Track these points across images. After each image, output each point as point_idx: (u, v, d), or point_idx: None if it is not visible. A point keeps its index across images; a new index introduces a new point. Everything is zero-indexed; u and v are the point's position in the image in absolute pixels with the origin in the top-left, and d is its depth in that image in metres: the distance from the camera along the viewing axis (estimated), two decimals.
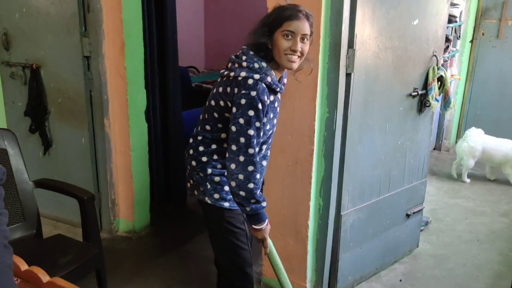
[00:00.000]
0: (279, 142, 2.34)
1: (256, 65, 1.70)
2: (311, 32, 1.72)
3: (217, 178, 1.82)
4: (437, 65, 2.69)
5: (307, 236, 2.44)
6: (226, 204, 1.84)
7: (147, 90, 3.13)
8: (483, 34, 5.36)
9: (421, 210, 3.09)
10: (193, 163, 1.87)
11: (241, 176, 1.68)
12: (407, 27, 2.48)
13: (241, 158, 1.67)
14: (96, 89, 2.99)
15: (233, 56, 1.78)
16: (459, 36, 3.43)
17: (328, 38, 2.17)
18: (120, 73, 2.96)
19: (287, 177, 2.41)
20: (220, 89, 1.76)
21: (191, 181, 1.94)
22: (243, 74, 1.68)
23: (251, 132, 1.67)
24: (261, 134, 1.73)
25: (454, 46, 4.14)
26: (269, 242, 1.87)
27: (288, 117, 2.29)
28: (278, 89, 1.77)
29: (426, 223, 3.52)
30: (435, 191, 4.29)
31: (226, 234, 1.90)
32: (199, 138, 1.86)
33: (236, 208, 1.84)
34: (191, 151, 1.88)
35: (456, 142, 5.78)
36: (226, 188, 1.80)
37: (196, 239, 3.26)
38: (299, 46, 1.68)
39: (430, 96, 2.68)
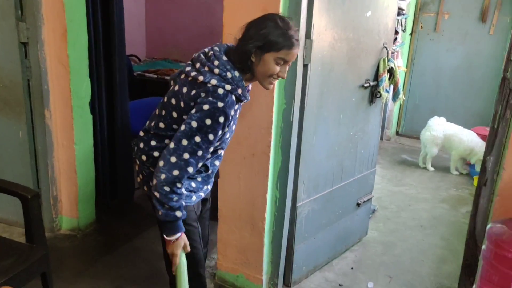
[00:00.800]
0: (235, 135, 2.26)
1: (229, 75, 1.62)
2: None
3: None
4: (387, 56, 2.74)
5: (263, 229, 2.42)
6: None
7: (91, 79, 2.95)
8: (421, 27, 5.57)
9: (370, 199, 3.16)
10: (143, 157, 1.79)
11: (163, 176, 1.60)
12: (360, 19, 2.50)
13: (172, 159, 1.60)
14: (35, 78, 2.78)
15: (202, 55, 1.69)
16: (405, 29, 3.52)
17: None
18: (62, 61, 2.77)
19: (244, 170, 2.37)
20: (184, 89, 1.67)
21: (141, 176, 1.87)
22: (213, 82, 1.60)
23: (198, 139, 1.60)
24: (210, 149, 1.66)
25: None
26: (183, 260, 1.74)
27: (246, 109, 2.23)
28: (245, 100, 1.74)
29: (373, 211, 3.62)
30: (379, 179, 4.41)
31: None
32: (152, 132, 1.78)
33: (187, 203, 1.77)
34: (141, 145, 1.80)
35: (396, 132, 6.00)
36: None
37: (145, 234, 3.15)
38: (286, 73, 1.69)
39: (381, 87, 2.73)
